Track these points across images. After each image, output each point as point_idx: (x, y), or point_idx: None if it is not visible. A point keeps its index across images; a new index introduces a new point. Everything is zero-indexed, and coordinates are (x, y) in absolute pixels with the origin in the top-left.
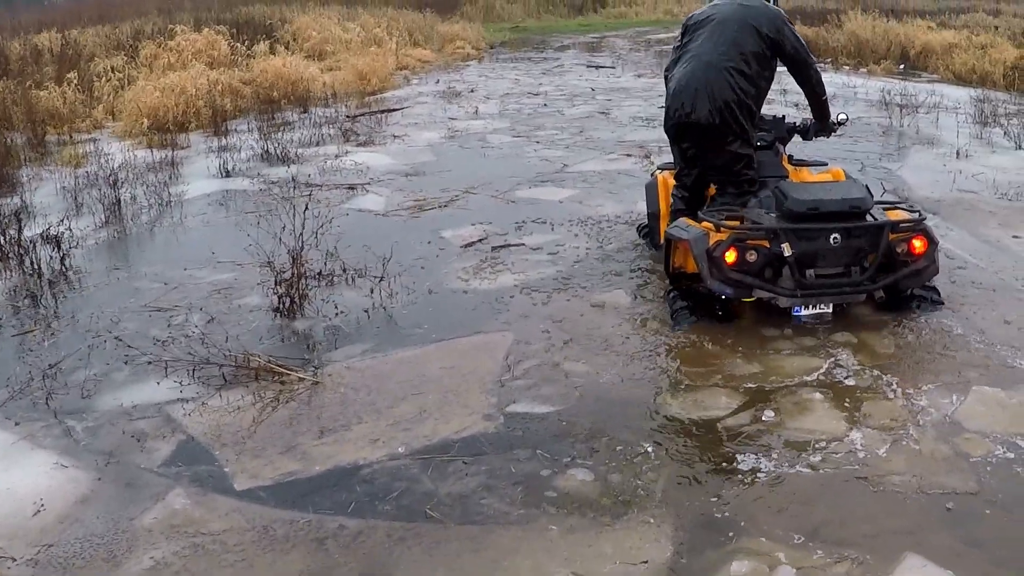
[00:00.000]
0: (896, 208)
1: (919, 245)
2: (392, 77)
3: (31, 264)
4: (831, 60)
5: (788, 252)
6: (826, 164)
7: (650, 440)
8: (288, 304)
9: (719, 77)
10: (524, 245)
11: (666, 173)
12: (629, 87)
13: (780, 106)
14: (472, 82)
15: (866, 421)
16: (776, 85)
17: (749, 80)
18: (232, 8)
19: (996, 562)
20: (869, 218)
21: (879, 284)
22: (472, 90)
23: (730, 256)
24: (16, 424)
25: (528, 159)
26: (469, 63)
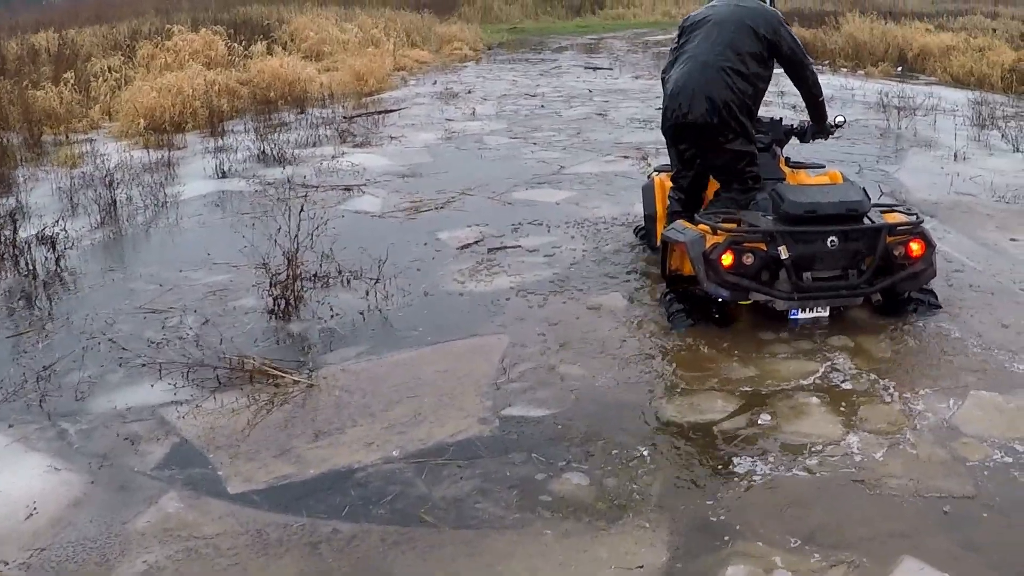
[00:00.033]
0: (893, 211)
1: (916, 248)
2: (389, 78)
3: (26, 265)
4: (829, 62)
5: (785, 255)
6: (823, 166)
7: (646, 444)
8: (283, 306)
9: (716, 77)
10: (520, 247)
11: (663, 175)
12: (627, 89)
13: (777, 108)
14: (469, 83)
15: (863, 425)
16: (773, 87)
17: (746, 80)
18: (229, 8)
19: (993, 566)
20: (866, 221)
21: (876, 287)
22: (469, 91)
23: (727, 259)
24: (9, 426)
25: (525, 161)
26: (467, 64)
